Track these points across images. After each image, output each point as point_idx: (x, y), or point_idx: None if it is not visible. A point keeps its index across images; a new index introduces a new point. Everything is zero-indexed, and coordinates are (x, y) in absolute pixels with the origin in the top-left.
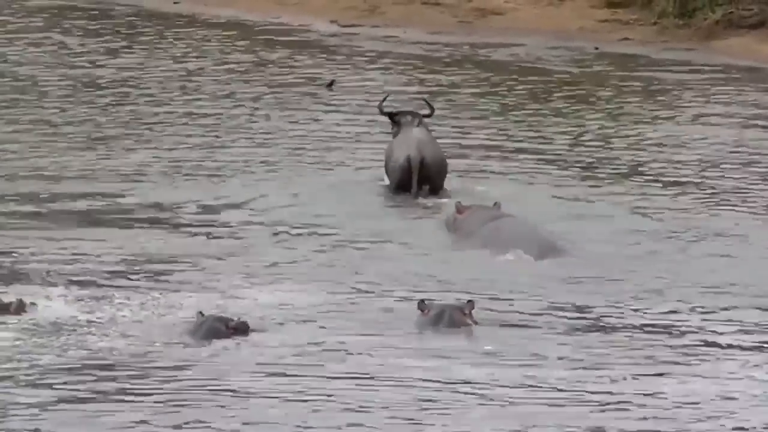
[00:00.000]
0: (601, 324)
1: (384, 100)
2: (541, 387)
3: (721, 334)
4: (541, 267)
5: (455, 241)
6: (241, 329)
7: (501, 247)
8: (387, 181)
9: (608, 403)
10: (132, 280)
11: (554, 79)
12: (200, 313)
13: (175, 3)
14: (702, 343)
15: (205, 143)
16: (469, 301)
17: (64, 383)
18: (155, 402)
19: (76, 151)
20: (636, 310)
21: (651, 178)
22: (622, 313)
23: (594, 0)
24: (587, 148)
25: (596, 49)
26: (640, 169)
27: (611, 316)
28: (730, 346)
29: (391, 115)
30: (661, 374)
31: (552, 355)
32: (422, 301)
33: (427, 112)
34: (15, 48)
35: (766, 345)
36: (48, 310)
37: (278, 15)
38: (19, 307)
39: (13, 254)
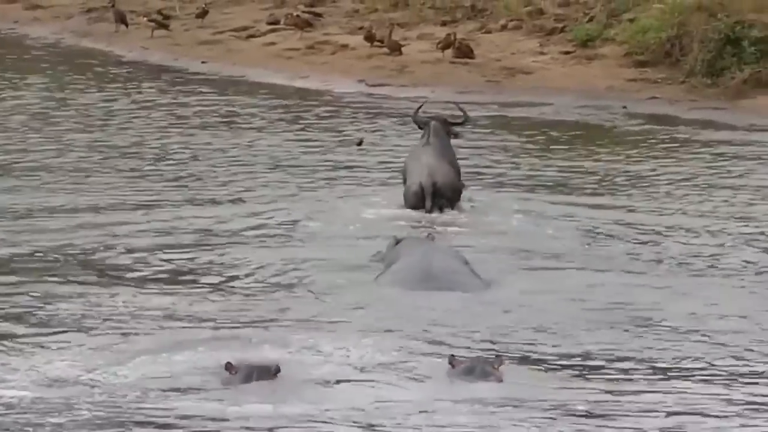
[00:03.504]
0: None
1: (419, 108)
2: None
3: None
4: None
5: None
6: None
7: (388, 276)
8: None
9: None
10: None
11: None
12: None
13: (202, 63)
14: None
15: (234, 198)
16: (498, 356)
17: None
18: None
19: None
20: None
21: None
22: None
23: (622, 59)
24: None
25: (624, 107)
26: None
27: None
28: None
29: (423, 124)
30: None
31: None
32: (452, 355)
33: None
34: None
35: None
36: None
37: (307, 74)
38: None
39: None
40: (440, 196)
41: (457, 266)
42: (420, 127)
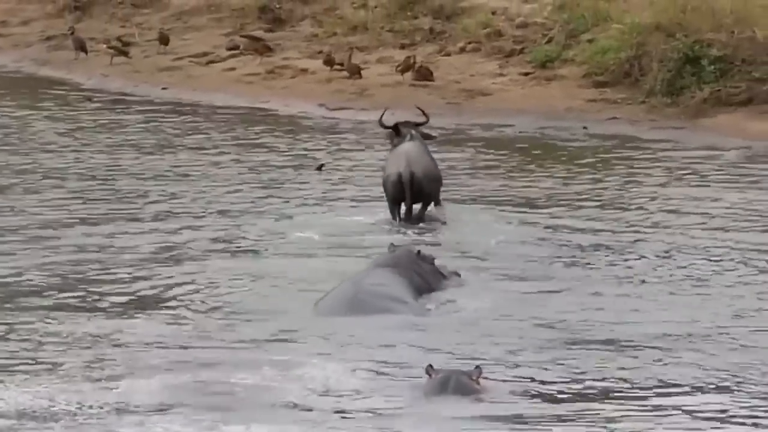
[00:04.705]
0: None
1: (383, 114)
2: None
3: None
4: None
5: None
6: None
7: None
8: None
9: None
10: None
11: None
12: None
13: (163, 89)
14: None
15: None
16: (476, 367)
17: None
18: None
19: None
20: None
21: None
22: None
23: (581, 80)
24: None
25: (585, 128)
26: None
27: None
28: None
29: (391, 128)
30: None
31: None
32: (430, 365)
33: (422, 120)
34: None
35: None
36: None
37: (267, 99)
38: None
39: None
40: (419, 188)
41: (391, 291)
42: (390, 129)
